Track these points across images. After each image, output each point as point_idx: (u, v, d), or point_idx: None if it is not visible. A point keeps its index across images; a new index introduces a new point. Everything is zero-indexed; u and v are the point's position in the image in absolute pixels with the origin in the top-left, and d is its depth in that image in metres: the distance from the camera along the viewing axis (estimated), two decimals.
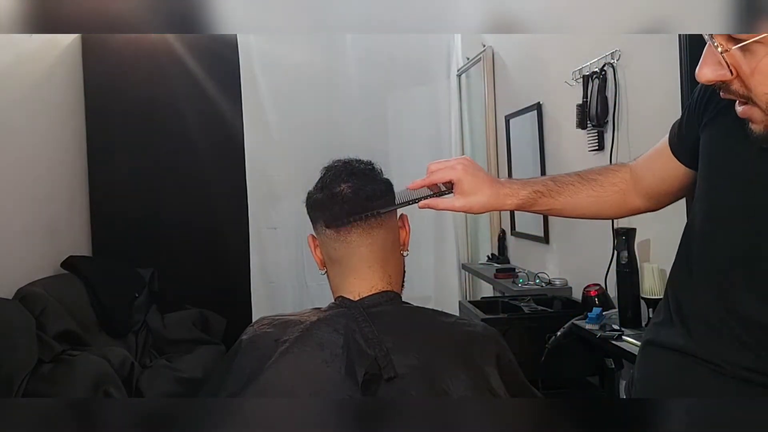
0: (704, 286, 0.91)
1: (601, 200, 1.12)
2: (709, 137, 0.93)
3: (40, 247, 2.99)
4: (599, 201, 1.12)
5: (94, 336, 2.82)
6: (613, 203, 1.13)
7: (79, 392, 2.25)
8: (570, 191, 1.12)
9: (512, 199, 1.09)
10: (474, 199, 1.07)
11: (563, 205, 1.12)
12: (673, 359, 0.93)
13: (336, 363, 0.92)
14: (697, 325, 0.91)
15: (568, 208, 1.13)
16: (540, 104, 2.78)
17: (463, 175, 1.06)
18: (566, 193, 1.11)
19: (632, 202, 1.14)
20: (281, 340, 0.97)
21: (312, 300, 3.44)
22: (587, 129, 2.32)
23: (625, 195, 1.13)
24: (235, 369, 0.97)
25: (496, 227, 3.38)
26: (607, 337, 1.82)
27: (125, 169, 3.57)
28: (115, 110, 3.56)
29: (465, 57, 3.66)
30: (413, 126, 3.66)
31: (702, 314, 0.90)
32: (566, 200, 1.12)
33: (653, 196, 1.12)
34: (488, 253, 3.43)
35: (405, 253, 1.10)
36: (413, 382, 0.91)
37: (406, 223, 1.10)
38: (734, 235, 0.87)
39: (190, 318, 3.31)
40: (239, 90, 3.53)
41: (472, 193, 1.06)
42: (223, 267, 3.63)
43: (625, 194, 1.13)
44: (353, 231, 1.02)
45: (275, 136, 3.57)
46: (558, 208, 1.12)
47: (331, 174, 1.06)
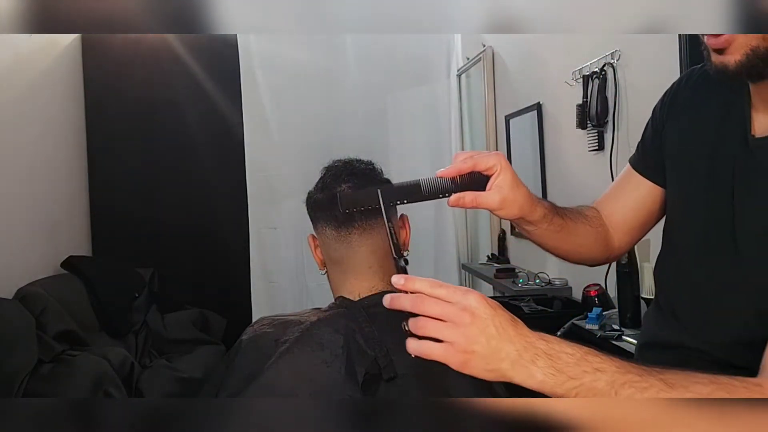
0: (677, 276, 0.94)
1: (590, 240, 1.04)
2: (673, 131, 0.97)
3: (40, 247, 2.99)
4: (589, 241, 1.04)
5: (94, 336, 2.81)
6: (597, 248, 1.06)
7: (79, 392, 2.25)
8: (572, 225, 1.01)
9: (540, 209, 0.93)
10: (511, 196, 0.87)
11: (567, 234, 0.99)
12: (665, 356, 0.94)
13: (336, 363, 0.92)
14: (683, 316, 0.93)
15: (568, 241, 1.01)
16: (540, 104, 2.78)
17: (507, 166, 0.87)
18: (572, 221, 1.00)
19: (614, 241, 1.07)
20: (281, 340, 0.97)
21: (312, 300, 3.44)
22: (587, 129, 2.32)
23: (608, 233, 1.07)
24: (235, 369, 0.97)
25: (496, 227, 3.38)
26: (607, 337, 1.83)
27: (125, 169, 3.57)
28: (115, 110, 3.56)
29: (465, 57, 3.65)
30: (413, 126, 3.66)
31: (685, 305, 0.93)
32: (572, 229, 1.00)
33: (627, 231, 1.06)
34: (488, 253, 3.43)
35: (405, 253, 1.09)
36: (413, 382, 0.91)
37: (406, 223, 1.09)
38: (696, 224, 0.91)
39: (190, 318, 3.31)
40: (239, 90, 3.53)
41: (510, 190, 0.87)
42: (223, 267, 3.63)
43: (603, 239, 1.06)
44: (354, 231, 1.03)
45: (275, 136, 3.57)
46: (567, 228, 0.99)
47: (332, 174, 1.06)
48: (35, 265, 2.89)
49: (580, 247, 1.03)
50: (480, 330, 0.65)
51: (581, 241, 1.02)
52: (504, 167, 0.86)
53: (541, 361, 0.65)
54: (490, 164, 0.86)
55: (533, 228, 0.95)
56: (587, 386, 0.64)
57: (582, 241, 1.02)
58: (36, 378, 2.24)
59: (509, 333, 0.66)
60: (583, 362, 0.65)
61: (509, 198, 0.87)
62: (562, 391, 0.64)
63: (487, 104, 3.38)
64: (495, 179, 0.87)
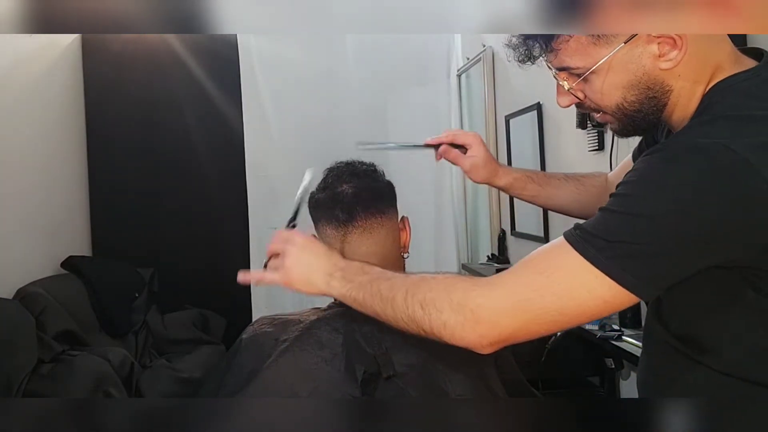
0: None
1: (582, 198, 1.23)
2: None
3: (40, 247, 2.99)
4: (580, 199, 1.23)
5: (94, 336, 2.82)
6: (592, 204, 1.14)
7: (79, 392, 2.25)
8: (555, 184, 1.25)
9: (506, 177, 1.24)
10: (479, 163, 1.21)
11: (548, 195, 1.25)
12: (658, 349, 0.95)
13: (335, 362, 0.92)
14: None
15: (551, 200, 1.26)
16: (540, 104, 2.78)
17: (480, 142, 1.22)
18: (552, 185, 1.25)
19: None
20: (281, 339, 0.97)
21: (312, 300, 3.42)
22: (587, 129, 2.32)
23: (601, 198, 1.13)
24: (235, 368, 0.97)
25: (496, 227, 3.38)
26: (607, 337, 1.83)
27: (125, 169, 3.56)
28: (115, 110, 3.56)
29: (465, 57, 3.65)
30: (413, 126, 3.66)
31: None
32: (551, 191, 1.25)
33: None
34: (488, 253, 3.43)
35: (405, 255, 1.10)
36: (412, 380, 0.91)
37: (407, 224, 1.10)
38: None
39: (190, 318, 3.31)
40: (239, 90, 3.53)
41: (479, 159, 1.21)
42: (223, 267, 3.62)
43: (602, 197, 1.13)
44: (354, 231, 1.03)
45: (275, 136, 3.57)
46: (543, 196, 1.25)
47: (333, 175, 1.07)
48: (35, 265, 2.89)
49: (564, 208, 1.26)
50: (296, 256, 0.93)
51: (564, 204, 1.25)
52: (477, 143, 1.22)
53: (338, 273, 0.90)
54: (467, 141, 1.22)
55: (510, 192, 1.27)
56: (357, 283, 0.88)
57: (566, 204, 1.25)
58: (36, 378, 2.24)
59: (320, 257, 0.92)
60: (360, 271, 0.89)
61: (478, 165, 1.21)
62: (345, 290, 0.89)
63: (487, 104, 3.37)
64: (470, 151, 1.22)
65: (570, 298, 0.74)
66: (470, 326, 0.77)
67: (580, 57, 0.81)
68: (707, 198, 0.70)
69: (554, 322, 0.75)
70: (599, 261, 0.72)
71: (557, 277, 0.75)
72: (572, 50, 0.82)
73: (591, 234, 0.74)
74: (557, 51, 0.83)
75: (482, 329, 0.77)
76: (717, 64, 0.81)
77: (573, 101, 0.89)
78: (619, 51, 0.79)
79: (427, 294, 0.80)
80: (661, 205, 0.72)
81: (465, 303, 0.77)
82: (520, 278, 0.78)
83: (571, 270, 0.74)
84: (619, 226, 0.73)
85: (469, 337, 0.77)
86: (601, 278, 0.72)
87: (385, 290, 0.84)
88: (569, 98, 0.89)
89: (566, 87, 0.86)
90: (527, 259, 0.79)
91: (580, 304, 0.74)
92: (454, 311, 0.77)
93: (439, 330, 0.79)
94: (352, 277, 0.89)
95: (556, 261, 0.76)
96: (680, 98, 0.82)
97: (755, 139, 0.71)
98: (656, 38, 0.78)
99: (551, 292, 0.74)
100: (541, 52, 0.85)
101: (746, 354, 0.79)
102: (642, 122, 0.85)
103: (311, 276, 0.92)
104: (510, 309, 0.76)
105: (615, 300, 0.73)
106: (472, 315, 0.76)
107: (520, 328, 0.76)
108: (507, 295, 0.77)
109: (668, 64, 0.78)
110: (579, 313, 0.75)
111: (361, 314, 0.97)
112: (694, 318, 0.83)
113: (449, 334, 0.78)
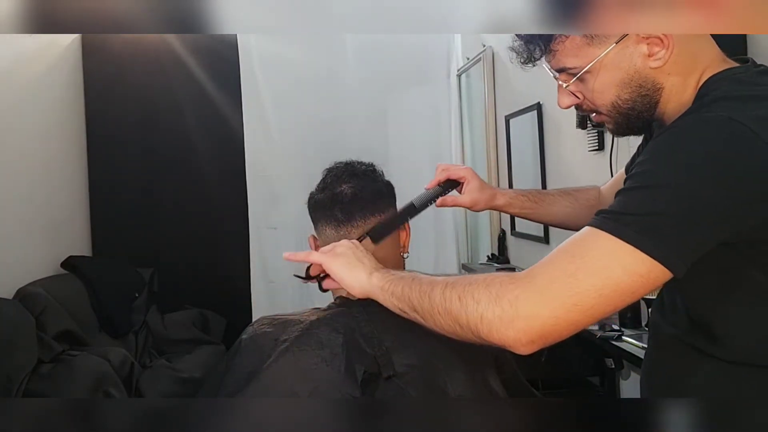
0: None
1: (576, 212, 1.28)
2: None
3: (40, 247, 2.99)
4: (574, 213, 1.28)
5: (94, 336, 2.82)
6: (586, 217, 1.15)
7: (79, 392, 2.25)
8: (550, 201, 1.32)
9: (503, 199, 1.30)
10: (477, 196, 1.27)
11: (544, 211, 1.31)
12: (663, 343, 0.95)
13: (335, 362, 0.92)
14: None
15: (547, 216, 1.32)
16: (540, 104, 2.78)
17: (473, 174, 1.28)
18: (547, 201, 1.31)
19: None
20: (281, 340, 0.97)
21: (312, 300, 3.43)
22: (587, 129, 2.32)
23: (594, 210, 1.14)
24: (234, 368, 0.97)
25: (496, 227, 3.38)
26: (607, 337, 1.83)
27: (125, 169, 3.56)
28: (115, 110, 3.56)
29: (465, 57, 3.65)
30: (413, 126, 3.66)
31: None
32: (546, 207, 1.31)
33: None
34: (488, 253, 3.43)
35: (405, 255, 1.10)
36: (412, 380, 0.91)
37: (406, 224, 1.10)
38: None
39: (190, 318, 3.31)
40: (239, 90, 3.53)
41: (476, 191, 1.27)
42: (223, 267, 3.63)
43: (595, 210, 1.14)
44: (353, 232, 1.03)
45: (275, 136, 3.57)
46: (539, 213, 1.31)
47: (333, 175, 1.07)
48: (35, 265, 2.89)
49: (560, 222, 1.32)
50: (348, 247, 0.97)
51: (559, 217, 1.32)
52: (471, 177, 1.27)
53: (381, 270, 0.94)
54: (461, 174, 1.27)
55: (508, 211, 1.34)
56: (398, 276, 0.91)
57: (560, 218, 1.31)
58: (36, 378, 2.24)
59: (368, 256, 0.96)
60: (400, 272, 0.94)
61: (477, 198, 1.27)
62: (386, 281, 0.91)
63: (487, 104, 3.37)
64: (466, 186, 1.27)
65: (606, 277, 0.74)
66: (508, 320, 0.75)
67: (575, 57, 0.86)
68: (719, 163, 0.74)
69: (595, 306, 0.74)
70: (629, 235, 0.74)
71: (590, 258, 0.75)
72: (568, 51, 0.86)
73: (616, 213, 0.77)
74: (555, 52, 0.87)
75: (521, 324, 0.75)
76: (706, 63, 0.85)
77: (574, 101, 0.92)
78: (611, 51, 0.84)
79: (467, 287, 0.80)
80: (678, 173, 0.75)
81: (503, 295, 0.76)
82: (554, 266, 0.78)
83: (603, 249, 0.75)
84: (641, 200, 0.76)
85: (507, 333, 0.76)
86: (632, 253, 0.73)
87: (425, 283, 0.85)
88: (570, 99, 0.92)
89: (564, 87, 0.90)
90: (559, 248, 0.80)
91: (617, 282, 0.74)
92: (492, 302, 0.76)
93: (476, 324, 0.77)
94: (392, 274, 0.92)
95: (587, 244, 0.77)
96: (672, 95, 0.86)
97: (756, 112, 0.75)
98: (645, 39, 0.82)
99: (586, 273, 0.74)
100: (542, 53, 0.88)
101: (758, 340, 0.80)
102: (636, 120, 0.90)
103: (355, 267, 0.95)
104: (549, 298, 0.75)
105: (650, 275, 0.74)
106: (510, 307, 0.75)
107: (561, 317, 0.75)
108: (544, 285, 0.76)
109: (657, 62, 0.83)
110: (618, 293, 0.74)
111: (362, 314, 0.98)
112: (703, 307, 0.85)
113: (486, 329, 0.77)
